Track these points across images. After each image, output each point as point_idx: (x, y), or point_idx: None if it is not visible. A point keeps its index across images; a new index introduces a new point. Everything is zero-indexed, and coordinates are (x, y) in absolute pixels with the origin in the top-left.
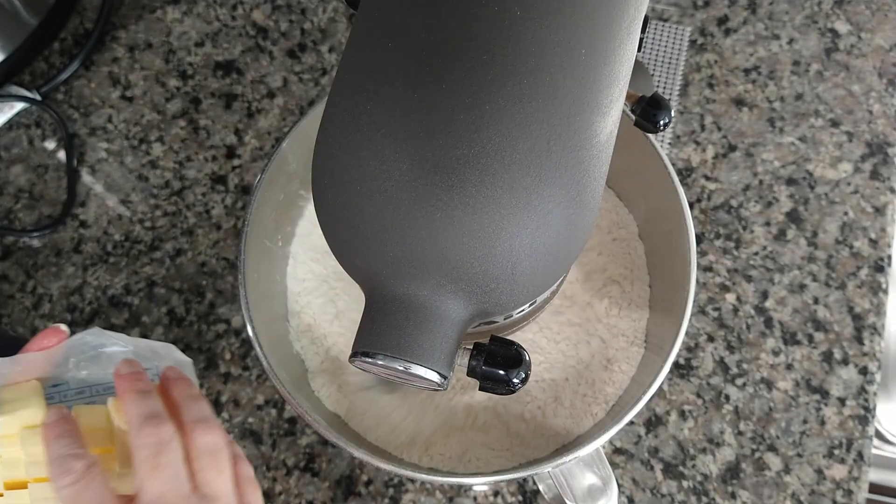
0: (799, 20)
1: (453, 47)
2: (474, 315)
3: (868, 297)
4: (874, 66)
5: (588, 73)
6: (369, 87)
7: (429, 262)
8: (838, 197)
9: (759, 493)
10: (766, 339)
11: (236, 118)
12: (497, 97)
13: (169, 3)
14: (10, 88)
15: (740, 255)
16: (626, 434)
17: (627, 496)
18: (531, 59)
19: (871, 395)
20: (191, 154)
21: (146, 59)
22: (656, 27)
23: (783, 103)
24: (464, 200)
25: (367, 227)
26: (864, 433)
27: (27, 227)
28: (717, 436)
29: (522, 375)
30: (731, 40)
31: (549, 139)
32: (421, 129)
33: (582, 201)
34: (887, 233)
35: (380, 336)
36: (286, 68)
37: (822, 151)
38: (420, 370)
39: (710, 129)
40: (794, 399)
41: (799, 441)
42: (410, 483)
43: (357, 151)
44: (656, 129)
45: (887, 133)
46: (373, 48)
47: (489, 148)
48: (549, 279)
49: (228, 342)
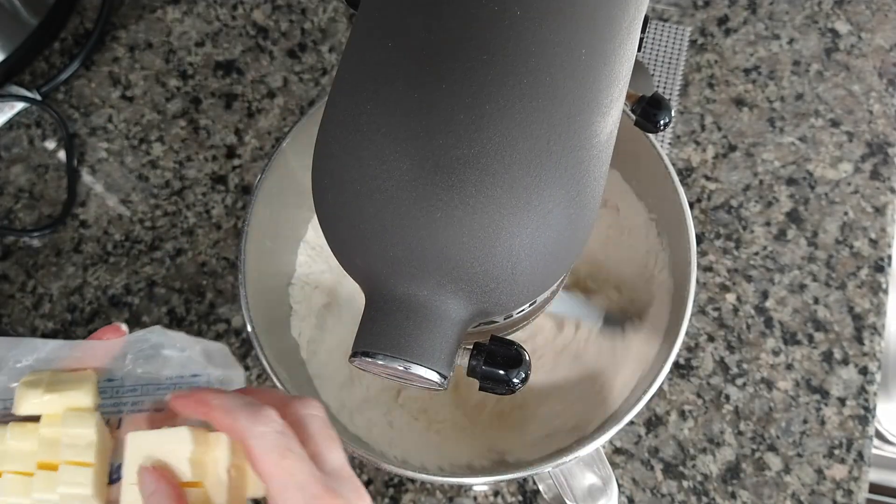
0: (799, 20)
1: (453, 47)
2: (474, 315)
3: (868, 297)
4: (874, 66)
5: (588, 73)
6: (369, 87)
7: (429, 261)
8: (838, 197)
9: (760, 493)
10: (766, 339)
11: (236, 118)
12: (497, 97)
13: (169, 2)
14: (10, 88)
15: (740, 255)
16: (626, 434)
17: (627, 496)
18: (531, 59)
19: (871, 395)
20: (191, 154)
21: (146, 59)
22: (656, 27)
23: (783, 103)
24: (464, 200)
25: (367, 226)
26: (865, 433)
27: (27, 226)
28: (717, 436)
29: (522, 375)
30: (731, 40)
31: (549, 139)
32: (421, 129)
33: (582, 201)
34: (887, 233)
35: (380, 336)
36: (286, 68)
37: (822, 151)
38: (420, 370)
39: (710, 129)
40: (794, 399)
41: (799, 441)
42: (410, 483)
43: (357, 151)
44: (656, 128)
45: (887, 133)
46: (373, 48)
47: (489, 148)
48: (550, 279)
49: (229, 342)
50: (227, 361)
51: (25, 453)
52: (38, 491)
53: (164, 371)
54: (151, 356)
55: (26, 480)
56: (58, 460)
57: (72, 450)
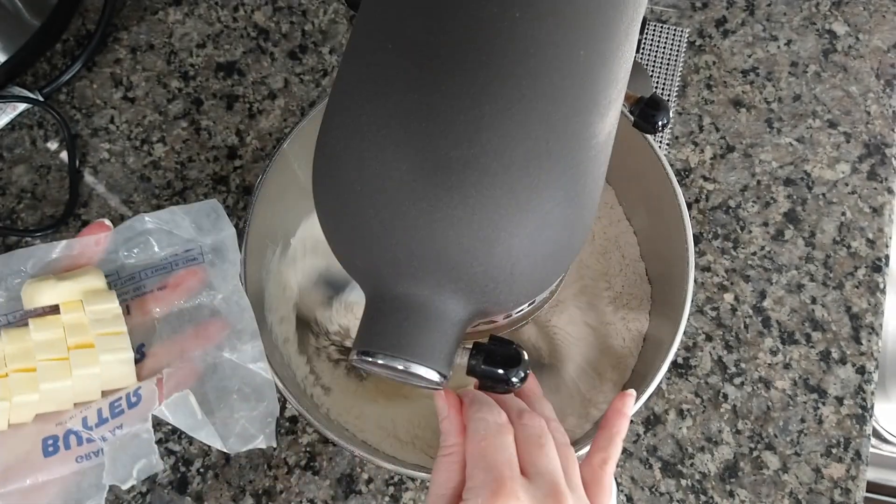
0: (797, 21)
1: (453, 49)
2: (474, 315)
3: (866, 297)
4: (872, 67)
5: (587, 75)
6: (370, 89)
7: (428, 261)
8: (836, 197)
9: (758, 491)
10: (764, 338)
11: (238, 119)
12: (496, 98)
13: (171, 4)
14: (12, 89)
15: (738, 255)
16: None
17: (626, 495)
18: (530, 61)
19: (869, 395)
20: (192, 155)
21: (148, 61)
22: (655, 28)
23: (781, 104)
24: (463, 201)
25: (368, 227)
26: (862, 432)
27: (30, 227)
28: (715, 435)
29: (521, 374)
30: (729, 41)
31: (548, 140)
32: (421, 130)
33: (581, 202)
34: (885, 233)
35: (380, 335)
36: (287, 69)
37: (819, 152)
38: (420, 369)
39: (708, 130)
40: (791, 398)
41: (797, 440)
42: (411, 481)
43: (357, 152)
44: (655, 129)
45: (885, 134)
46: (373, 50)
47: (488, 149)
48: (548, 279)
49: None
50: (219, 223)
51: (54, 341)
52: (78, 367)
53: (157, 255)
54: (142, 244)
55: (63, 364)
56: (89, 337)
57: (101, 324)
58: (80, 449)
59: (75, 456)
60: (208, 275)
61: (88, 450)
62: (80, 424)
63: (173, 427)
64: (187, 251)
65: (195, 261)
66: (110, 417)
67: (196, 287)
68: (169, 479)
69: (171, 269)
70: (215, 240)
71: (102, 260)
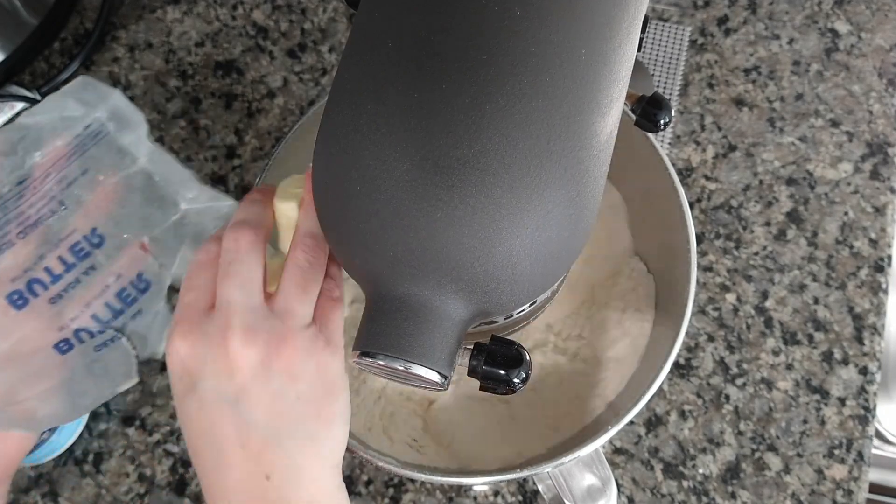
0: (799, 20)
1: (453, 47)
2: (475, 315)
3: (868, 297)
4: (874, 66)
5: (588, 73)
6: (369, 87)
7: (429, 261)
8: (838, 197)
9: (760, 493)
10: (766, 339)
11: (236, 118)
12: (497, 97)
13: (169, 3)
14: (10, 88)
15: (740, 255)
16: (626, 434)
17: (627, 496)
18: (531, 59)
19: (871, 395)
20: (191, 154)
21: (146, 59)
22: (656, 27)
23: (783, 103)
24: (464, 200)
25: (367, 227)
26: (864, 433)
27: None
28: (717, 436)
29: (523, 375)
30: (731, 40)
31: (549, 139)
32: (421, 129)
33: (582, 201)
34: (887, 233)
35: (380, 336)
36: (286, 68)
37: (822, 151)
38: (420, 370)
39: (710, 129)
40: (794, 399)
41: (799, 441)
42: (410, 483)
43: (357, 151)
44: (656, 128)
45: (887, 133)
46: (373, 48)
47: (489, 148)
48: (550, 279)
49: None
50: (100, 90)
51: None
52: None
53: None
54: (37, 139)
55: None
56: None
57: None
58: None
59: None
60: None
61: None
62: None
63: (172, 428)
64: (86, 127)
65: (101, 133)
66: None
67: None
68: (167, 480)
69: (83, 152)
70: (107, 107)
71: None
